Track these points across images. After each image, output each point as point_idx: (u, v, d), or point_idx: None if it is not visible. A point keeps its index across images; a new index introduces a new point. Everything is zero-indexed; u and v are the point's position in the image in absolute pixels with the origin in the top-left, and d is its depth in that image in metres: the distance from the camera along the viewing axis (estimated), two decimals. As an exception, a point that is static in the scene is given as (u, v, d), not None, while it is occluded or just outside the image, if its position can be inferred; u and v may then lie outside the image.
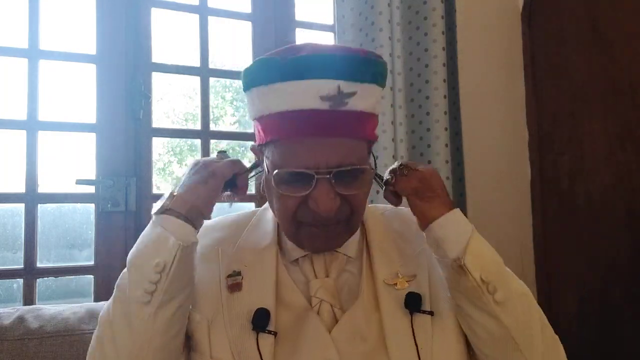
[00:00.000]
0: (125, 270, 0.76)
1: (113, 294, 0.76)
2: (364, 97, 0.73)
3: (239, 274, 0.81)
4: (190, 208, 0.74)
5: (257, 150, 0.83)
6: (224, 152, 0.83)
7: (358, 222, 0.82)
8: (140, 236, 0.76)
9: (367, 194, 0.80)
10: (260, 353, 0.74)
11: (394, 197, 0.84)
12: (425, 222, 0.79)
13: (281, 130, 0.73)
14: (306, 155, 0.72)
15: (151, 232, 0.74)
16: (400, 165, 0.82)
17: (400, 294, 0.79)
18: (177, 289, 0.73)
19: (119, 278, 0.77)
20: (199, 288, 0.81)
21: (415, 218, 0.82)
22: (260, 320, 0.76)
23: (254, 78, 0.75)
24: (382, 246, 0.85)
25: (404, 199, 0.83)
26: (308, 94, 0.70)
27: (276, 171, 0.73)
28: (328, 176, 0.71)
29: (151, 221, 0.76)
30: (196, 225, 0.75)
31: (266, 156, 0.77)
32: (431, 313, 0.79)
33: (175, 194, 0.75)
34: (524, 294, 0.80)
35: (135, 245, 0.76)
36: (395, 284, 0.81)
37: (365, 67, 0.73)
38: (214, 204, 0.78)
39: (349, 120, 0.72)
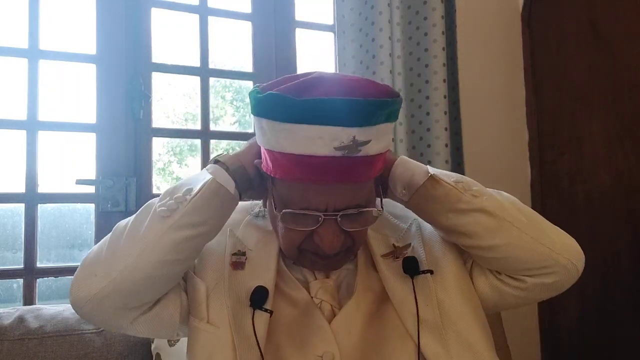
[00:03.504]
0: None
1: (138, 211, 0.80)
2: (378, 141, 0.71)
3: (243, 254, 0.85)
4: (236, 164, 0.80)
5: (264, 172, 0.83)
6: None
7: (358, 249, 0.85)
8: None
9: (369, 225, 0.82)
10: (254, 328, 0.76)
11: None
12: (389, 165, 0.84)
13: (292, 172, 0.72)
14: (315, 199, 0.73)
15: (198, 173, 0.81)
16: None
17: (398, 263, 0.83)
18: (197, 219, 0.75)
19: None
20: (206, 254, 0.85)
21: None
22: (259, 298, 0.78)
23: (266, 111, 0.71)
24: (376, 226, 0.87)
25: None
26: (322, 141, 0.67)
27: (283, 212, 0.75)
28: (335, 217, 0.74)
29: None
30: (238, 183, 0.79)
31: (273, 183, 0.77)
32: (430, 272, 0.82)
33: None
34: (499, 193, 0.85)
35: None
36: (393, 255, 0.85)
37: (381, 110, 0.69)
38: (254, 163, 0.81)
39: (361, 165, 0.71)
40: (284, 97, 0.67)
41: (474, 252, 0.84)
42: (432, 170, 0.82)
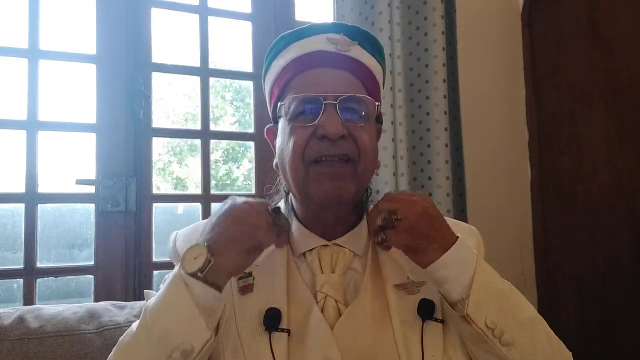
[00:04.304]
0: (141, 319, 0.71)
1: (127, 343, 0.72)
2: (364, 54, 0.85)
3: (249, 275, 0.81)
4: (226, 276, 0.71)
5: (271, 130, 0.90)
6: (278, 210, 0.76)
7: (365, 172, 0.81)
8: (166, 294, 0.70)
9: (372, 142, 0.83)
10: (272, 352, 0.74)
11: (386, 248, 0.84)
12: (422, 267, 0.77)
13: (295, 69, 0.83)
14: (315, 83, 0.81)
15: (180, 297, 0.68)
16: (385, 216, 0.77)
17: (413, 299, 0.80)
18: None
19: (135, 325, 0.73)
20: None
21: None
22: (272, 320, 0.77)
23: (275, 49, 0.87)
24: (391, 253, 0.85)
25: None
26: (317, 42, 0.84)
27: (289, 98, 0.81)
28: (334, 102, 0.78)
29: (179, 276, 0.69)
30: (223, 288, 0.71)
31: (279, 115, 0.84)
32: (442, 321, 0.79)
33: (212, 255, 0.68)
34: (531, 321, 0.77)
35: (159, 302, 0.70)
36: (406, 289, 0.81)
37: (363, 35, 0.86)
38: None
39: (353, 62, 0.84)
40: (285, 34, 0.87)
41: None
42: (473, 297, 0.72)
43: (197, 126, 1.71)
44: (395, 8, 1.65)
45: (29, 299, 1.45)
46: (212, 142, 1.75)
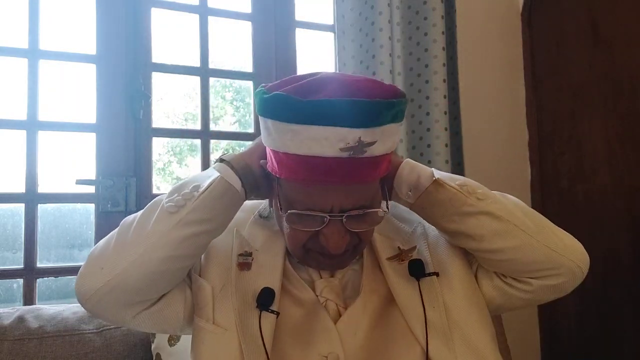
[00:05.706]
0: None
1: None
2: (384, 142, 0.70)
3: (250, 254, 0.85)
4: (241, 163, 0.80)
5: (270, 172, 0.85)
6: None
7: (364, 248, 0.85)
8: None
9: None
10: (261, 331, 0.76)
11: None
12: (395, 167, 0.83)
13: (297, 173, 0.72)
14: (320, 199, 0.73)
15: (205, 171, 0.83)
16: None
17: (404, 265, 0.83)
18: (204, 216, 0.76)
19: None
20: (213, 255, 0.85)
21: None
22: (265, 299, 0.79)
23: (271, 111, 0.71)
24: (381, 230, 0.88)
25: None
26: (328, 143, 0.67)
27: (288, 212, 0.75)
28: (341, 218, 0.74)
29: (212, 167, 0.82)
30: (243, 182, 0.79)
31: (279, 183, 0.77)
32: (436, 274, 0.83)
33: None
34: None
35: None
36: (398, 258, 0.85)
37: (387, 111, 0.68)
38: (260, 163, 0.81)
39: (366, 166, 0.71)
40: (289, 98, 0.67)
41: (480, 255, 0.84)
42: (437, 173, 0.82)
43: (197, 126, 1.71)
44: (395, 8, 1.65)
45: (29, 299, 1.45)
46: (212, 142, 1.75)
